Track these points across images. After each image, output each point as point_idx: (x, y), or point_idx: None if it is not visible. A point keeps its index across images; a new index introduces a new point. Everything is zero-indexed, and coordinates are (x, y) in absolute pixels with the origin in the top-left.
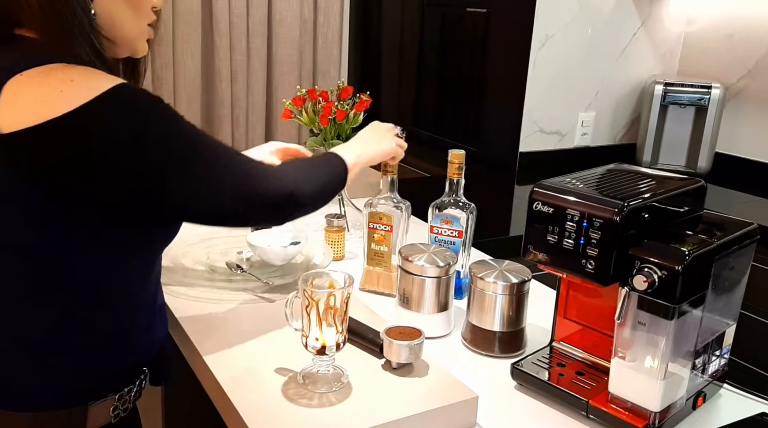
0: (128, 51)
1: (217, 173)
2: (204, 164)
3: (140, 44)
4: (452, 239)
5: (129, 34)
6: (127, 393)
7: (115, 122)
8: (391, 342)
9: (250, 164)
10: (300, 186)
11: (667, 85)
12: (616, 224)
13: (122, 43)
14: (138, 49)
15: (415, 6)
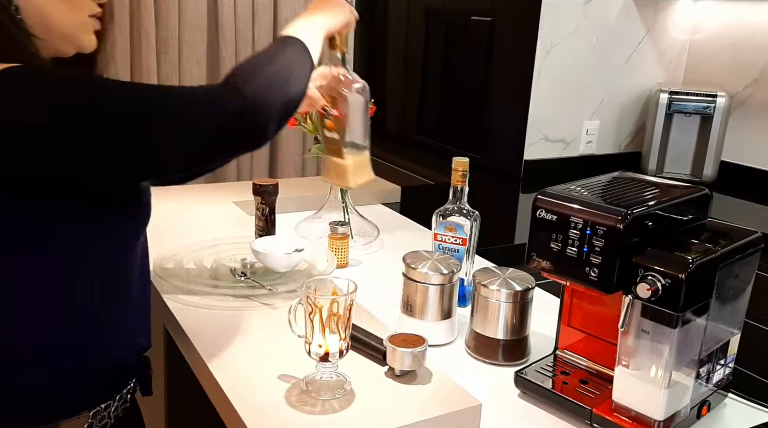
0: (73, 47)
1: (152, 113)
2: (134, 114)
3: (85, 38)
4: (456, 246)
5: (66, 29)
6: (105, 409)
7: (12, 105)
8: (395, 349)
9: (189, 91)
10: (259, 91)
11: (672, 93)
12: (619, 232)
13: (61, 39)
14: (84, 44)
15: (419, 14)
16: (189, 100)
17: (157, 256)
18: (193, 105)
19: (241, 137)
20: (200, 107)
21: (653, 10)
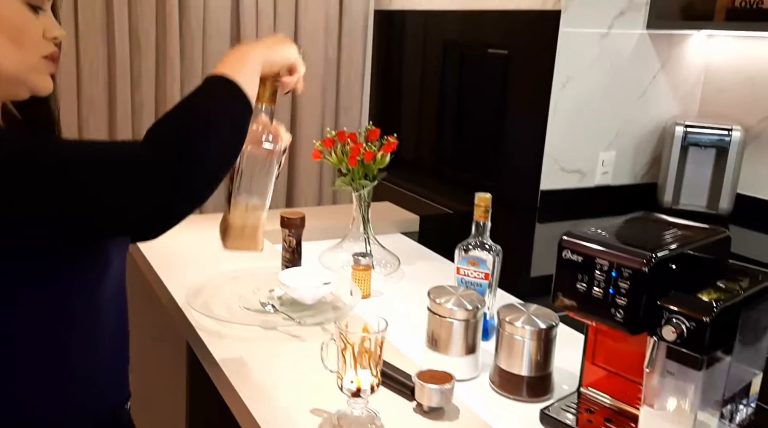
0: (25, 90)
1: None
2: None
3: (38, 81)
4: (479, 281)
5: (16, 71)
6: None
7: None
8: (423, 385)
9: (99, 159)
10: (170, 158)
11: (688, 126)
12: (644, 275)
13: (11, 82)
14: (37, 87)
15: (436, 46)
16: (96, 169)
17: (188, 287)
18: (98, 176)
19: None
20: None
21: (668, 44)
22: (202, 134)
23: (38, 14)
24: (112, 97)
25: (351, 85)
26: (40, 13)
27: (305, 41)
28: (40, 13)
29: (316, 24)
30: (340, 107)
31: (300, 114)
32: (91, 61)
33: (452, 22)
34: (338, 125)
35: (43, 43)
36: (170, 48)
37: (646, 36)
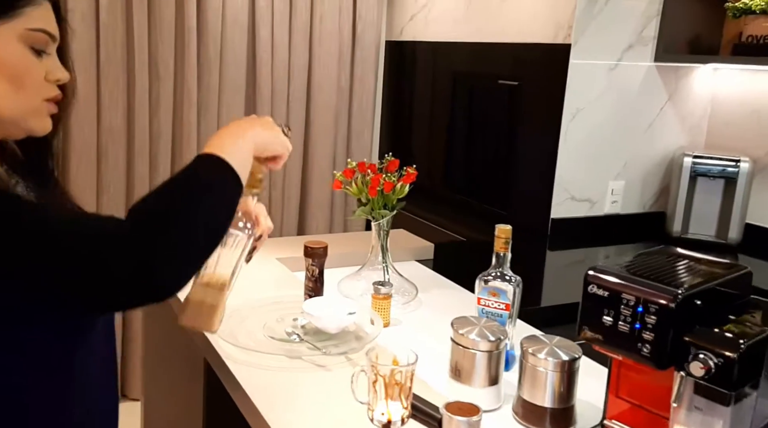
0: (21, 131)
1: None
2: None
3: (35, 123)
4: (499, 311)
5: (13, 114)
6: None
7: None
8: (452, 417)
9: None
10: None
11: (696, 157)
12: (672, 311)
13: (8, 123)
14: (34, 129)
15: (446, 76)
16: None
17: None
18: (76, 248)
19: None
20: (81, 250)
21: (675, 77)
22: (188, 210)
23: (42, 58)
24: (130, 125)
25: (363, 113)
26: (43, 56)
27: (319, 71)
28: (43, 57)
29: (330, 54)
30: (351, 135)
31: (312, 141)
32: (111, 91)
33: (462, 53)
34: (350, 152)
35: (46, 86)
36: (188, 76)
37: (653, 68)
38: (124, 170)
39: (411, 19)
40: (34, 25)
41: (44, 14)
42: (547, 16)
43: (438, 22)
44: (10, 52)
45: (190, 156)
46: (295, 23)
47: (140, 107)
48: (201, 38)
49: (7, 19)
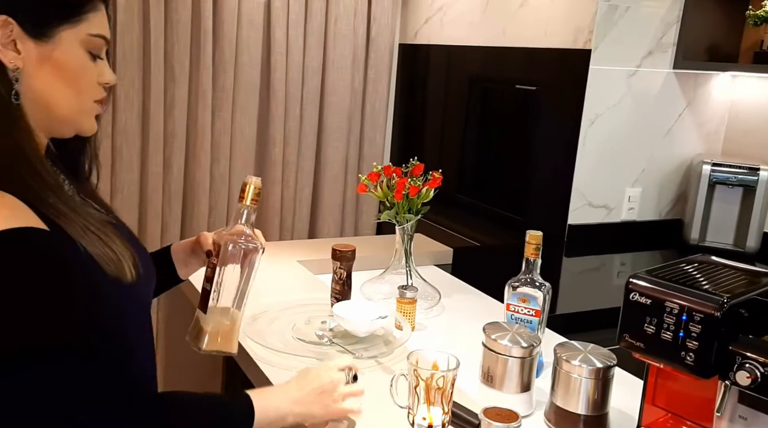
0: (72, 130)
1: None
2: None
3: (86, 123)
4: (529, 317)
5: (69, 114)
6: None
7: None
8: (491, 423)
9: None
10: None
11: (715, 165)
12: (717, 320)
13: (62, 123)
14: (84, 128)
15: (461, 80)
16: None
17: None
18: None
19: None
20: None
21: (693, 84)
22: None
23: (96, 62)
24: (145, 126)
25: (376, 116)
26: (97, 60)
27: (333, 73)
28: (97, 61)
29: (344, 57)
30: (364, 138)
31: (325, 144)
32: (126, 91)
33: (478, 57)
34: (362, 156)
35: (97, 89)
36: (203, 78)
37: (672, 75)
38: (138, 171)
39: (426, 23)
40: (95, 30)
41: (102, 20)
42: (566, 21)
43: (453, 26)
44: (73, 56)
45: (203, 157)
46: (309, 25)
47: (155, 108)
48: (216, 39)
49: (72, 25)
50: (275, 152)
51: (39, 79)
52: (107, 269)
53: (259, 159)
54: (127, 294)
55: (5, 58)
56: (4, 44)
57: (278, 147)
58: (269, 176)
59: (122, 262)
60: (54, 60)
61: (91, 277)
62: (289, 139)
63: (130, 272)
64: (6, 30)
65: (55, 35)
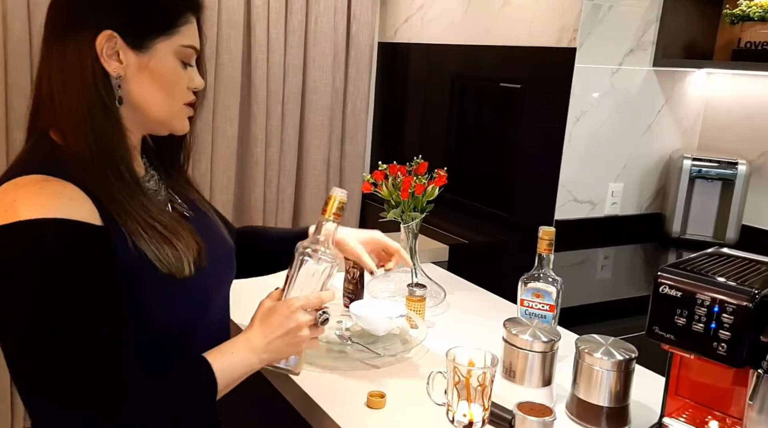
0: (165, 130)
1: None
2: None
3: (177, 124)
4: (543, 312)
5: (162, 116)
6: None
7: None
8: (525, 418)
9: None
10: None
11: (695, 160)
12: (750, 311)
13: (156, 124)
14: (176, 129)
15: (443, 78)
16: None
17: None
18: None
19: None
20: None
21: (671, 81)
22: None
23: (186, 69)
24: None
25: (357, 114)
26: (187, 67)
27: (314, 72)
28: (187, 68)
29: (325, 55)
30: (345, 137)
31: (307, 143)
32: None
33: (460, 56)
34: (344, 154)
35: (187, 93)
36: None
37: (652, 73)
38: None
39: (406, 21)
40: (187, 41)
41: (193, 31)
42: (550, 20)
43: (434, 25)
44: (166, 66)
45: None
46: (290, 23)
47: None
48: None
49: (166, 37)
50: (257, 151)
51: (137, 86)
52: (160, 266)
53: (241, 158)
54: (180, 287)
55: (109, 68)
56: (108, 55)
57: (260, 146)
58: (251, 175)
59: (181, 259)
60: (151, 69)
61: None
62: (270, 138)
63: (189, 268)
64: (111, 43)
65: (152, 47)
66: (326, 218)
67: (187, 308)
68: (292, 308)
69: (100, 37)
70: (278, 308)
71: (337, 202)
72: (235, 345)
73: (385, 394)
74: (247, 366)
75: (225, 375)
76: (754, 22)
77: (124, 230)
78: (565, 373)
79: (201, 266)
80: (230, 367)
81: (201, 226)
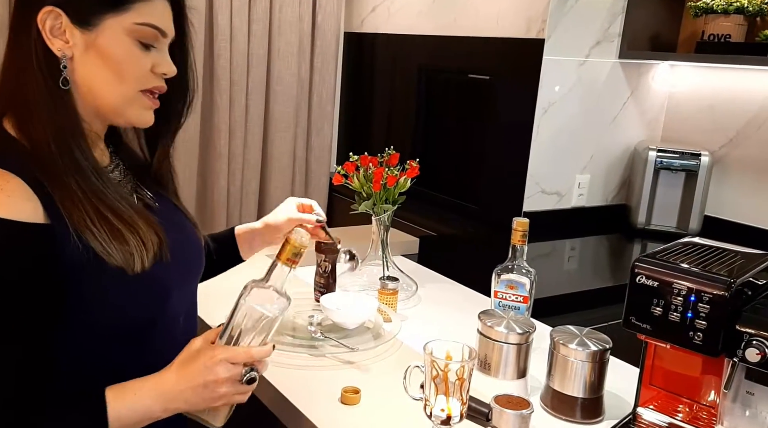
0: (122, 120)
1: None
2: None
3: (134, 114)
4: (517, 304)
5: (113, 102)
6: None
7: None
8: (502, 410)
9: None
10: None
11: (660, 151)
12: (725, 300)
13: (108, 111)
14: (133, 120)
15: (410, 69)
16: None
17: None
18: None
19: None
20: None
21: (636, 73)
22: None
23: (149, 51)
24: None
25: (323, 105)
26: (151, 50)
27: (279, 62)
28: (151, 50)
29: (290, 44)
30: (311, 128)
31: (273, 135)
32: None
33: (428, 46)
34: (309, 146)
35: (147, 78)
36: None
37: (618, 65)
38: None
39: (372, 11)
40: (142, 20)
41: (155, 10)
42: (518, 11)
43: (401, 15)
44: (116, 45)
45: None
46: (254, 12)
47: None
48: None
49: (116, 13)
50: (220, 143)
51: (83, 67)
52: (108, 260)
53: (203, 151)
54: (134, 282)
55: (53, 47)
56: (54, 34)
57: (223, 139)
58: (214, 168)
59: (132, 253)
60: (98, 47)
61: (81, 267)
62: (234, 130)
63: (142, 263)
64: (56, 21)
65: (100, 24)
66: (280, 262)
67: (142, 303)
68: (214, 358)
69: (42, 14)
70: (201, 355)
71: (295, 248)
72: (142, 385)
73: (360, 390)
74: (148, 414)
75: (120, 418)
76: (717, 14)
77: (69, 224)
78: (539, 364)
79: (162, 260)
80: (128, 411)
81: (167, 218)
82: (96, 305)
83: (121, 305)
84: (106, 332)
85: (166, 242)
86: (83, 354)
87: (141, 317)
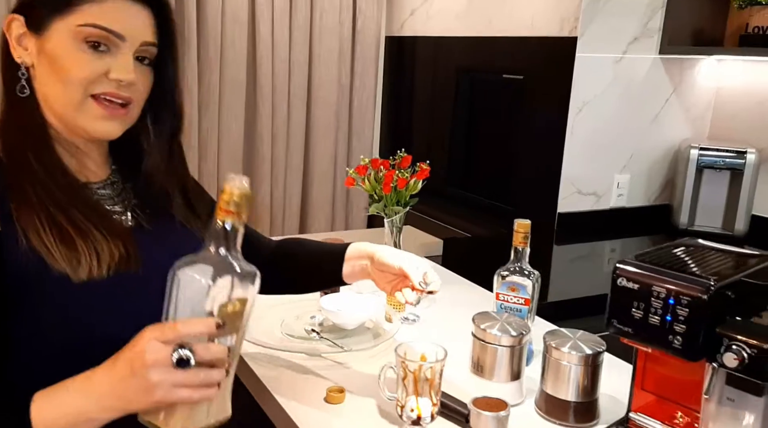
0: (80, 131)
1: None
2: None
3: (85, 121)
4: (519, 306)
5: (61, 110)
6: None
7: None
8: (480, 413)
9: None
10: None
11: (702, 149)
12: (704, 303)
13: (60, 119)
14: (87, 128)
15: (448, 71)
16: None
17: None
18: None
19: None
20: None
21: (679, 69)
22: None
23: (101, 54)
24: None
25: (363, 110)
26: (105, 54)
27: (320, 67)
28: (105, 54)
29: (330, 51)
30: (352, 133)
31: (313, 140)
32: None
33: (465, 48)
34: (351, 150)
35: (96, 82)
36: (189, 75)
37: (658, 61)
38: None
39: (411, 14)
40: (88, 20)
41: (107, 12)
42: (552, 9)
43: (439, 17)
44: (61, 48)
45: (191, 155)
46: (295, 19)
47: None
48: (201, 37)
49: (61, 16)
50: (263, 149)
51: (40, 74)
52: (51, 263)
53: (247, 156)
54: (81, 291)
55: (15, 54)
56: (19, 42)
57: (266, 144)
58: (258, 173)
59: (79, 259)
60: (46, 52)
61: (26, 272)
62: (276, 135)
63: (87, 271)
64: (19, 29)
65: (49, 28)
66: (218, 218)
67: (87, 314)
68: (140, 339)
69: (5, 22)
70: (130, 342)
71: (227, 195)
72: (72, 383)
73: (344, 389)
74: (83, 414)
75: (45, 419)
76: (762, 6)
77: (19, 227)
78: (539, 368)
79: (120, 271)
80: (56, 410)
81: (157, 237)
82: (43, 312)
83: (65, 315)
84: (57, 343)
85: (135, 258)
86: (33, 364)
87: (88, 329)
